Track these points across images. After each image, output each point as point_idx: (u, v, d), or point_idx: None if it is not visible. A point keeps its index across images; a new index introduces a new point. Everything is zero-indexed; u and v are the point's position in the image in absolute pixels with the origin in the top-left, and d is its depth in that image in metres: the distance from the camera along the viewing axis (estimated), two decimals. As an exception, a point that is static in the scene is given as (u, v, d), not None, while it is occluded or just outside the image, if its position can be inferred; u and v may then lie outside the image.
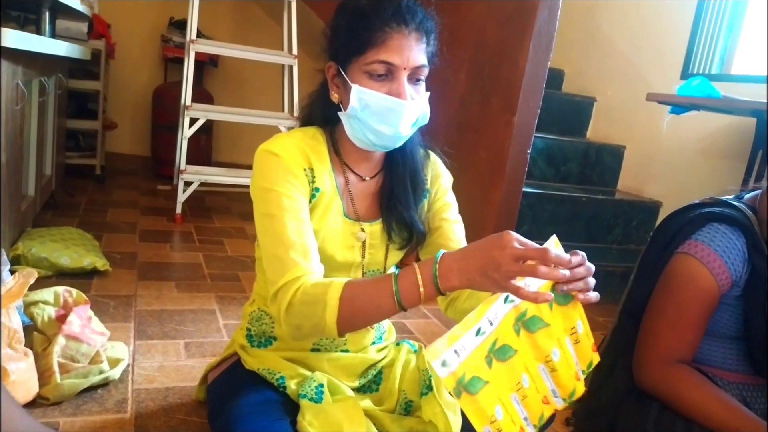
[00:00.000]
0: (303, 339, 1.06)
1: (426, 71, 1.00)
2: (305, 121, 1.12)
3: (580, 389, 0.88)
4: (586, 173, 3.19)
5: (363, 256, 1.10)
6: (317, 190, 1.03)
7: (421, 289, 0.84)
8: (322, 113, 1.08)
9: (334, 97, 1.03)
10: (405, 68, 0.96)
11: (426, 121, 1.04)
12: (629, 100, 3.27)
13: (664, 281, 1.15)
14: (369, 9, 0.96)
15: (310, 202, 1.03)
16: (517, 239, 0.78)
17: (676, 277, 1.12)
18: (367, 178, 1.10)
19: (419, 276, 0.84)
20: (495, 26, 2.47)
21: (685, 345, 1.11)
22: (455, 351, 0.75)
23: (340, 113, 1.03)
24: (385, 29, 0.94)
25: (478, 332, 0.77)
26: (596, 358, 0.89)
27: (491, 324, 0.78)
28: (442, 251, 0.84)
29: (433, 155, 1.17)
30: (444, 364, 0.74)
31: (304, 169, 1.01)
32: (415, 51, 0.96)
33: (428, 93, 1.02)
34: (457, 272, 0.81)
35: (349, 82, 0.98)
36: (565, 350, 0.85)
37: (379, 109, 0.96)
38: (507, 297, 0.80)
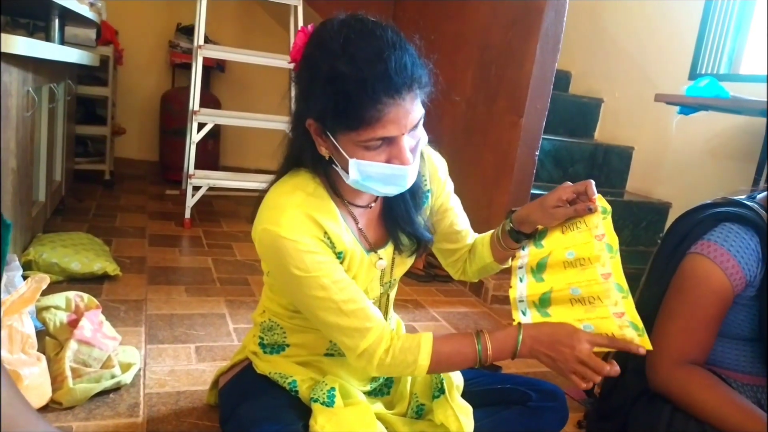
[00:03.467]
0: None
1: (423, 114, 0.92)
2: (292, 166, 1.03)
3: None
4: (594, 175, 3.18)
5: (382, 278, 1.12)
6: (340, 254, 1.00)
7: (498, 355, 0.98)
8: (312, 160, 0.99)
9: (323, 152, 0.95)
10: (404, 133, 0.89)
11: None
12: (637, 101, 3.26)
13: (676, 282, 1.14)
14: (354, 84, 0.83)
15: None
16: (587, 347, 0.94)
17: (688, 277, 1.11)
18: (371, 206, 1.08)
19: (497, 344, 0.98)
20: (501, 28, 2.47)
21: (698, 346, 1.10)
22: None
23: (335, 167, 0.96)
24: (378, 106, 0.84)
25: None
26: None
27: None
28: (522, 323, 1.02)
29: (424, 151, 1.12)
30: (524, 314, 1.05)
31: (321, 239, 0.97)
32: (411, 114, 0.88)
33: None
34: (529, 349, 0.97)
35: (344, 153, 0.90)
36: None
37: (382, 177, 0.91)
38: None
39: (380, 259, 1.08)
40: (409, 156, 0.90)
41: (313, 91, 0.90)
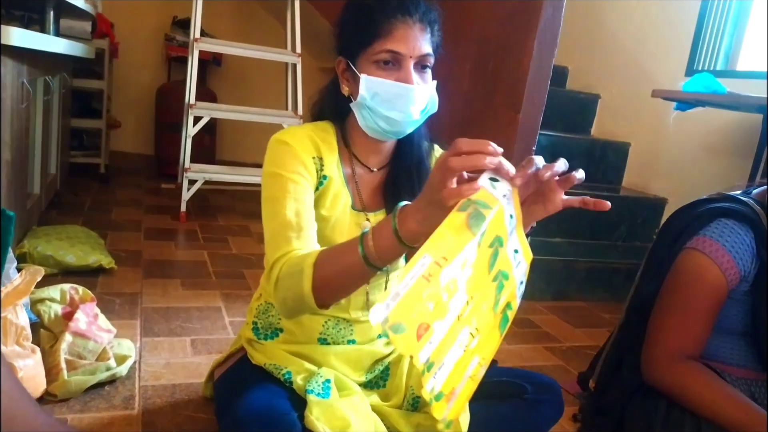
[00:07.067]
0: (292, 315, 1.00)
1: (431, 60, 1.03)
2: (316, 115, 1.14)
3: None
4: (591, 170, 3.18)
5: None
6: (325, 177, 1.06)
7: (380, 242, 0.80)
8: (332, 107, 1.11)
9: (345, 90, 1.06)
10: (411, 56, 0.99)
11: (435, 108, 1.06)
12: (634, 97, 3.26)
13: (672, 277, 1.14)
14: (374, 3, 1.00)
15: (317, 189, 1.05)
16: (455, 150, 0.71)
17: (684, 272, 1.12)
18: (374, 170, 1.12)
19: (377, 233, 0.81)
20: (499, 23, 2.47)
21: (693, 341, 1.11)
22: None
23: (351, 104, 1.05)
24: (390, 20, 0.98)
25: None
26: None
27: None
28: (403, 202, 0.80)
29: (437, 148, 1.20)
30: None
31: (314, 157, 1.04)
32: (420, 40, 0.99)
33: (435, 81, 1.05)
34: (413, 214, 0.77)
35: (358, 73, 1.01)
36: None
37: (388, 95, 0.99)
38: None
39: (367, 220, 1.10)
40: (414, 78, 0.99)
41: (343, 25, 1.06)
